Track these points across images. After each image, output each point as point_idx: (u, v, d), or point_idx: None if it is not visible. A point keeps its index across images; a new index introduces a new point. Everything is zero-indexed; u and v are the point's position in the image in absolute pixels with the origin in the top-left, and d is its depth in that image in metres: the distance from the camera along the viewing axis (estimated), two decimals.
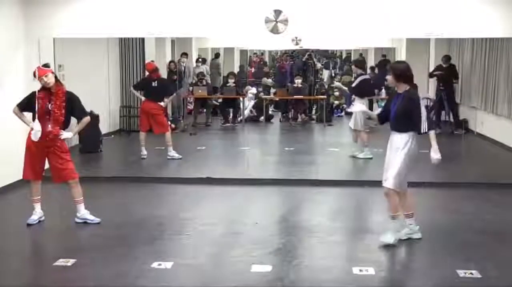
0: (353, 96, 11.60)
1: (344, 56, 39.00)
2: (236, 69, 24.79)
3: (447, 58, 14.70)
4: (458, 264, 5.67)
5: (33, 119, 6.74)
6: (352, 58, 33.80)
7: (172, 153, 11.08)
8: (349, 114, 17.83)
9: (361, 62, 13.74)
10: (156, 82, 11.12)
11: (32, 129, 6.70)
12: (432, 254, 6.08)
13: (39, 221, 6.94)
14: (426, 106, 15.02)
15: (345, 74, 28.51)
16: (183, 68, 17.20)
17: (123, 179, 9.37)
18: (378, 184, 8.09)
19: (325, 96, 17.06)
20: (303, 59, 19.26)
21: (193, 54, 20.20)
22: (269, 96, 18.07)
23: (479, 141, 13.39)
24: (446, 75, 14.45)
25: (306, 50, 19.87)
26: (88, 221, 6.92)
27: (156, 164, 10.69)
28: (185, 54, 17.72)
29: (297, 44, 16.89)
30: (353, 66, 11.99)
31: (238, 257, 5.91)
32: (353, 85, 11.50)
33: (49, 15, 9.09)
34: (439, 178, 9.33)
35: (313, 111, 17.76)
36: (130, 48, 14.60)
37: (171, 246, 6.33)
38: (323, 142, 13.74)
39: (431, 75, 15.22)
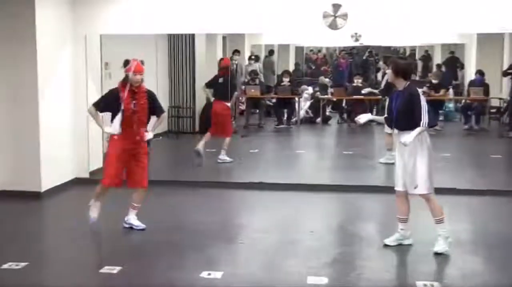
0: None
1: (407, 53, 38.51)
2: (291, 67, 24.81)
3: None
4: None
5: (112, 120, 6.77)
6: (417, 56, 33.39)
7: (224, 157, 11.18)
8: None
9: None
10: (222, 79, 11.38)
11: (110, 134, 6.78)
12: (493, 263, 5.96)
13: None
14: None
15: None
16: (235, 66, 17.30)
17: (173, 183, 9.47)
18: (444, 191, 7.96)
19: (386, 97, 16.88)
20: (364, 57, 19.13)
21: (245, 51, 20.31)
22: (326, 96, 18.03)
23: None
24: None
25: (367, 47, 19.73)
26: (134, 227, 7.04)
27: (207, 167, 10.78)
28: (237, 52, 17.83)
29: (356, 40, 16.77)
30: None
31: (292, 267, 5.92)
32: (382, 86, 11.38)
33: (96, 11, 9.32)
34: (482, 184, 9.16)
35: (374, 113, 17.59)
36: (180, 46, 14.80)
37: (222, 254, 6.37)
38: (384, 145, 13.59)
39: (505, 73, 14.90)
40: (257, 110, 16.65)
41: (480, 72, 16.23)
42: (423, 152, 6.22)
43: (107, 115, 6.94)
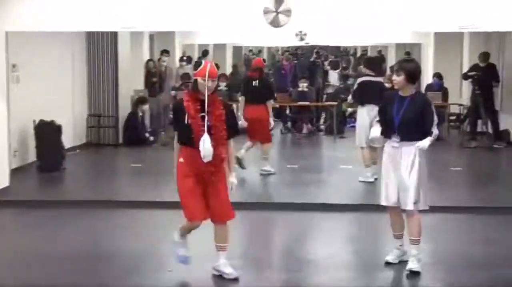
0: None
1: (359, 53, 39.15)
2: (228, 70, 24.89)
3: (485, 56, 14.76)
4: None
5: (182, 141, 6.27)
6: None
7: (268, 167, 11.45)
8: None
9: (372, 61, 12.62)
10: (257, 82, 11.51)
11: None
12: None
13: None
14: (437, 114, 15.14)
15: (360, 75, 28.68)
16: (163, 68, 17.26)
17: (93, 203, 9.36)
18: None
19: (335, 103, 17.11)
20: (311, 59, 19.34)
21: (176, 52, 20.27)
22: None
23: None
24: (484, 76, 14.47)
25: (313, 47, 19.98)
26: (224, 276, 6.32)
27: (130, 185, 10.70)
28: (166, 52, 17.78)
29: (302, 39, 17.01)
30: (361, 67, 11.71)
31: None
32: (353, 89, 11.57)
33: (0, 5, 9.15)
34: (473, 201, 9.38)
35: (322, 121, 17.82)
36: (100, 46, 14.64)
37: (148, 284, 6.34)
38: (333, 158, 13.77)
39: (465, 76, 15.27)
40: None
41: (438, 76, 16.63)
42: (422, 165, 6.41)
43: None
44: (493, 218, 8.75)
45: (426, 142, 6.31)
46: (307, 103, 16.46)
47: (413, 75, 6.43)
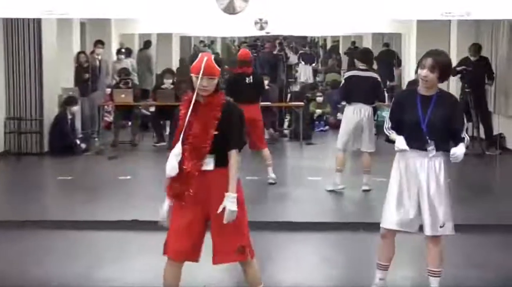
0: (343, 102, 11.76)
1: (329, 45, 39.38)
2: (175, 65, 24.87)
3: (476, 48, 14.92)
4: None
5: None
6: (341, 49, 34.17)
7: (274, 175, 11.74)
8: (337, 128, 18.01)
9: (367, 53, 12.15)
10: (251, 78, 11.66)
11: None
12: None
13: None
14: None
15: (330, 71, 28.89)
16: (97, 62, 17.20)
17: (13, 224, 9.31)
18: (378, 226, 8.22)
19: (302, 103, 17.19)
20: (274, 52, 19.45)
21: (112, 43, 20.21)
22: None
23: None
24: (475, 72, 14.65)
25: (276, 38, 20.08)
26: None
27: (61, 201, 10.60)
28: (100, 43, 17.71)
29: (262, 28, 17.08)
30: (356, 61, 11.60)
31: None
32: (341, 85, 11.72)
33: None
34: (464, 218, 9.49)
35: (286, 124, 17.89)
36: (21, 35, 14.51)
37: None
38: (300, 168, 13.83)
39: (453, 72, 15.44)
40: (129, 123, 16.57)
41: None
42: (444, 180, 6.32)
43: None
44: (486, 237, 8.90)
45: (461, 149, 6.14)
46: (268, 103, 16.51)
47: (448, 72, 6.38)
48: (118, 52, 20.07)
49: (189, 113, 5.72)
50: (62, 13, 9.74)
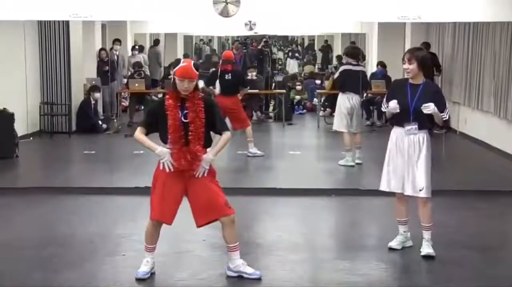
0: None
1: (306, 43, 39.28)
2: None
3: (426, 46, 14.92)
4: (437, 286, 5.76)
5: (163, 140, 5.89)
6: (316, 46, 34.16)
7: (254, 150, 11.70)
8: (313, 111, 18.07)
9: (354, 51, 11.89)
10: (230, 75, 11.68)
11: (161, 157, 5.85)
12: (406, 273, 6.22)
13: (151, 274, 6.08)
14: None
15: (307, 63, 28.93)
16: (115, 57, 17.09)
17: (45, 190, 9.23)
18: (348, 192, 8.27)
19: (284, 91, 17.15)
20: (259, 47, 19.37)
21: (128, 41, 20.07)
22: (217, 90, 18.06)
23: (462, 142, 13.67)
24: None
25: (262, 37, 19.99)
26: (245, 276, 5.98)
27: (83, 171, 10.56)
28: (118, 41, 17.60)
29: (251, 29, 16.91)
30: (344, 57, 11.60)
31: (184, 280, 5.89)
32: (335, 77, 11.69)
33: None
34: None
35: (270, 108, 17.83)
36: (52, 35, 14.42)
37: (104, 269, 6.26)
38: (282, 144, 13.81)
39: None
40: (142, 107, 16.48)
41: (381, 64, 16.77)
42: (427, 152, 6.44)
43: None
44: (435, 201, 8.87)
45: (435, 108, 6.28)
46: (256, 91, 16.43)
47: (425, 62, 6.45)
48: (133, 48, 19.93)
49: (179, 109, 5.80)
50: (86, 15, 9.63)
